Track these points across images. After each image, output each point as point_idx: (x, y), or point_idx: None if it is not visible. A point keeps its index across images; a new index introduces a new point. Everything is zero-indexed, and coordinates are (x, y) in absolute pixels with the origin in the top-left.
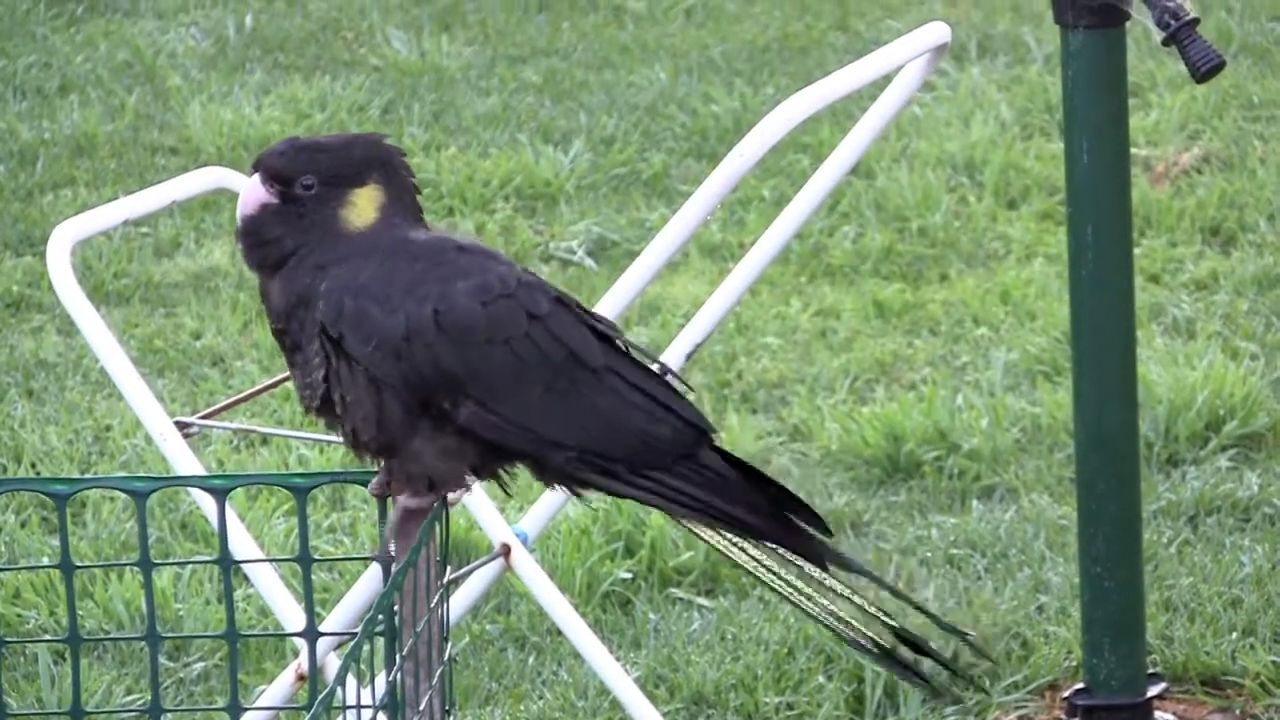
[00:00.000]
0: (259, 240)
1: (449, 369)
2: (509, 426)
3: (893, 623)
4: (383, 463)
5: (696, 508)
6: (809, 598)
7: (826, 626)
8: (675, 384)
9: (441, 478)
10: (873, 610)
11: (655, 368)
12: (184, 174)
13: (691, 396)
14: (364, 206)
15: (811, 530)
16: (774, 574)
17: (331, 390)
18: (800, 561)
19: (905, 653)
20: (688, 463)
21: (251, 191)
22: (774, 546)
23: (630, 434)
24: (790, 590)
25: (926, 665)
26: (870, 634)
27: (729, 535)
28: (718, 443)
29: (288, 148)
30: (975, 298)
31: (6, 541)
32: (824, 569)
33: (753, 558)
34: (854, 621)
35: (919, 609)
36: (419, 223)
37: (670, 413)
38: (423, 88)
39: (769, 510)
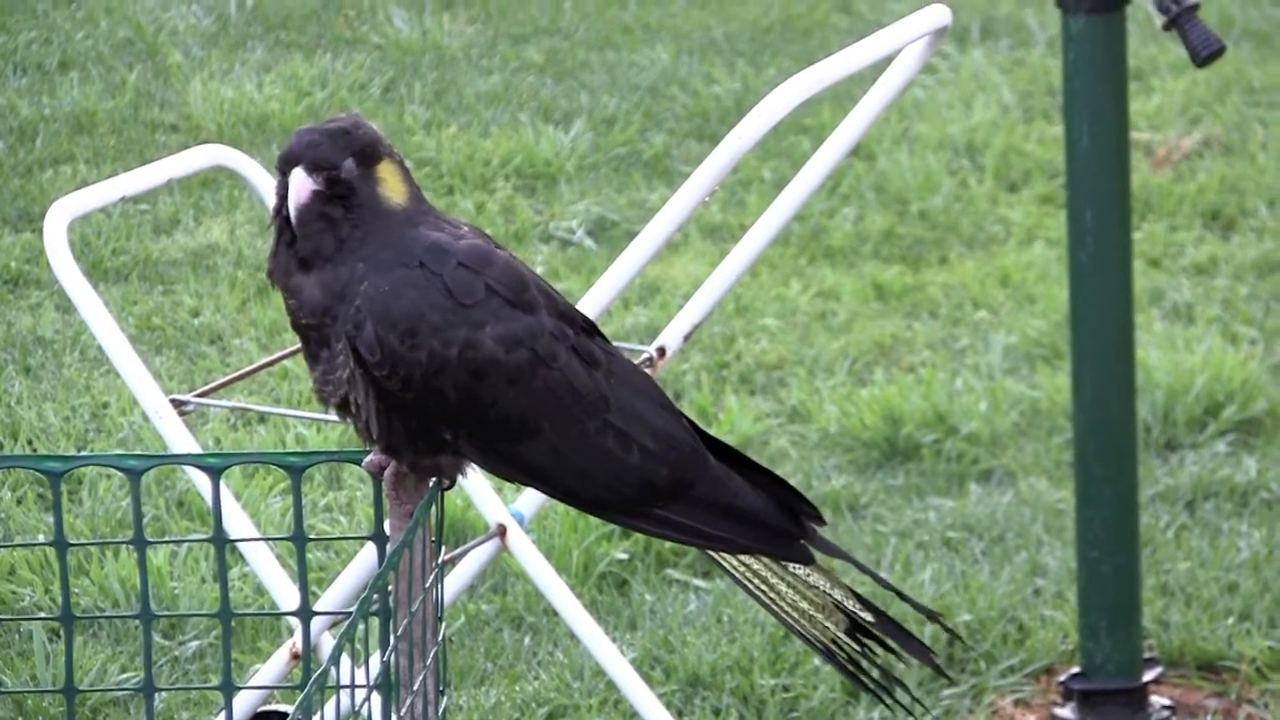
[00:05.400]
0: (319, 229)
1: (456, 407)
2: (505, 464)
3: (867, 617)
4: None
5: (684, 537)
6: (786, 599)
7: (800, 636)
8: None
9: (446, 472)
10: (850, 606)
11: (653, 349)
12: (183, 150)
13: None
14: (392, 181)
15: (805, 520)
16: (755, 576)
17: (350, 392)
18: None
19: (872, 666)
20: (685, 497)
21: (302, 184)
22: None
23: (625, 482)
24: (770, 597)
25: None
26: (839, 638)
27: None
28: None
29: (320, 136)
30: (975, 281)
31: (2, 518)
32: (809, 564)
33: (740, 561)
34: (831, 627)
35: (899, 594)
36: (427, 201)
37: (672, 450)
38: (424, 66)
39: (763, 518)
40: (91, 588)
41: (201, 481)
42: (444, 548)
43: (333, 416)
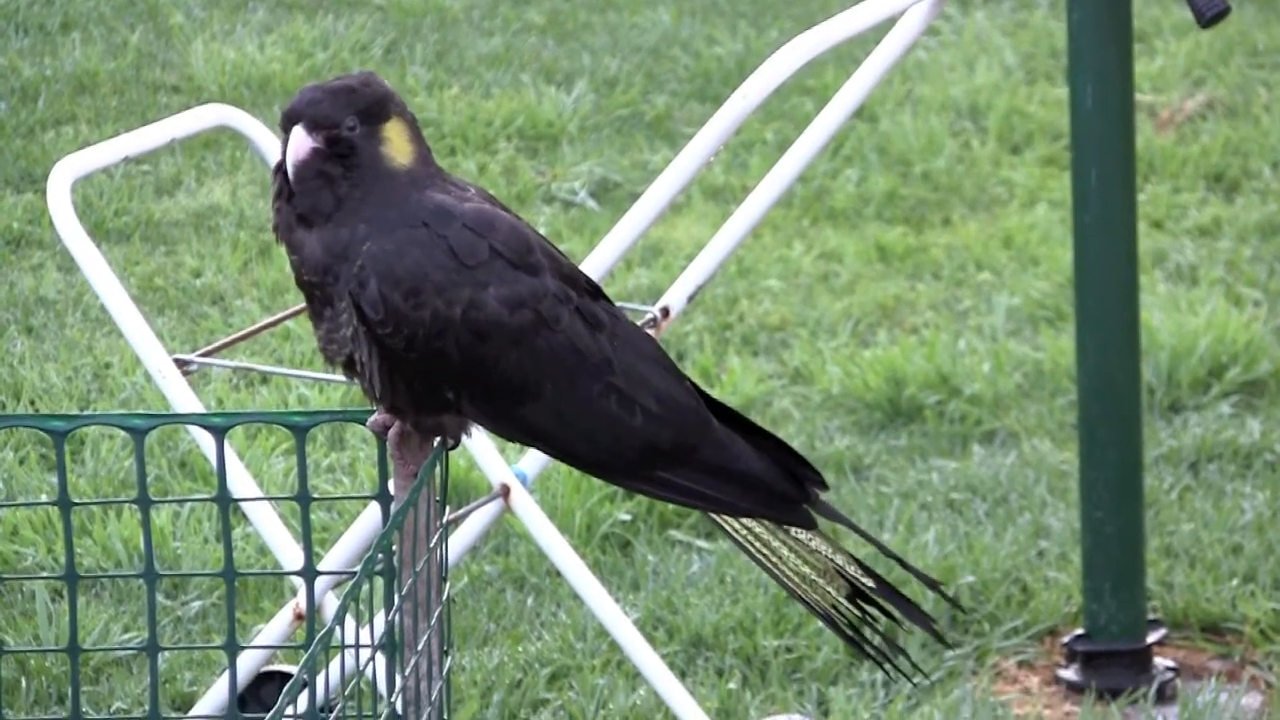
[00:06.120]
0: (316, 186)
1: (459, 367)
2: (508, 425)
3: (868, 583)
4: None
5: (686, 500)
6: (788, 563)
7: (801, 600)
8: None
9: (450, 432)
10: (851, 572)
11: (657, 310)
12: (184, 111)
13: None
14: (399, 141)
15: (808, 485)
16: (756, 540)
17: (354, 351)
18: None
19: (874, 633)
20: (687, 461)
21: (300, 142)
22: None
23: (628, 444)
24: (771, 561)
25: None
26: (840, 603)
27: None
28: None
29: (322, 94)
30: (978, 242)
31: (5, 478)
32: (812, 529)
33: (742, 524)
34: (832, 592)
35: (900, 562)
36: (434, 162)
37: (674, 413)
38: (426, 27)
39: (766, 482)
40: (94, 548)
41: (205, 441)
42: (448, 508)
43: (335, 376)
